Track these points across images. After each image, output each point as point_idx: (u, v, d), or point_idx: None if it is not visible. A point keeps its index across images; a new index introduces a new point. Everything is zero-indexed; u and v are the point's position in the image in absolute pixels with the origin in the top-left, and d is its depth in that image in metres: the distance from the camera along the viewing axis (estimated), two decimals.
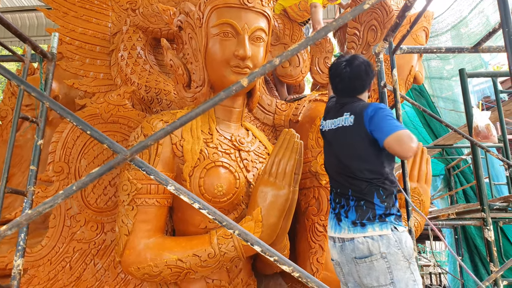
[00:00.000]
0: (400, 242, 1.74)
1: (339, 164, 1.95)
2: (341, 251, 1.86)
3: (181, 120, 0.80)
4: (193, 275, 2.07)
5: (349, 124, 1.90)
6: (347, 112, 1.94)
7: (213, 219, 0.79)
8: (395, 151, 1.72)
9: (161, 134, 0.80)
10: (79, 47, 3.16)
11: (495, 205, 2.62)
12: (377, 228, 1.76)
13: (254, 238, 0.79)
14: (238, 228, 0.78)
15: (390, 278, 1.71)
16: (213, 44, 2.25)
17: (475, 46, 2.08)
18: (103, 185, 2.55)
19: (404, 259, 1.73)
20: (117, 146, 0.81)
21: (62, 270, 2.43)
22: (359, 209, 1.81)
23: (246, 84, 0.91)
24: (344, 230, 1.83)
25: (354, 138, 1.88)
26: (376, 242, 1.73)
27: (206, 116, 2.38)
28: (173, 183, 0.80)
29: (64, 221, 2.49)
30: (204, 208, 0.80)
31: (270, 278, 2.86)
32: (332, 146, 2.03)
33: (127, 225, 2.08)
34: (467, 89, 2.36)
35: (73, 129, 2.61)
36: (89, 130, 0.82)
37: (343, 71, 1.96)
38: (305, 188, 2.64)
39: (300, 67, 3.30)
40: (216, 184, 2.15)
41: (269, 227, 2.06)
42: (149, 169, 0.80)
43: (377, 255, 1.72)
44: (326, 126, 2.07)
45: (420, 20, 3.33)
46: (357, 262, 1.78)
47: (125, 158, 0.79)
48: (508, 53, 1.32)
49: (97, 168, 0.80)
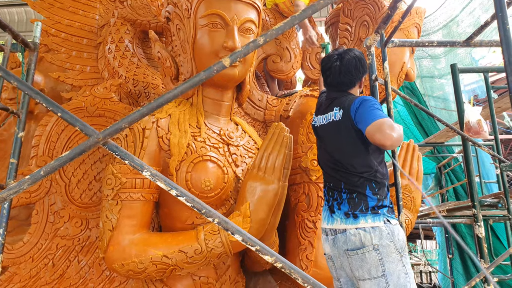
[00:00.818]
0: (392, 235, 1.72)
1: (331, 159, 1.93)
2: (334, 244, 1.84)
3: (158, 101, 0.75)
4: (179, 271, 2.01)
5: (338, 119, 1.88)
6: (337, 106, 1.91)
7: (192, 206, 0.75)
8: (374, 139, 1.68)
9: (136, 116, 0.75)
10: (65, 39, 3.09)
11: (486, 201, 2.60)
12: (370, 220, 1.74)
13: (235, 226, 0.74)
14: (217, 216, 0.73)
15: (382, 270, 1.69)
16: (201, 36, 2.20)
17: (467, 40, 2.05)
18: (88, 180, 2.48)
19: (396, 252, 1.71)
20: (89, 129, 0.76)
21: (44, 268, 2.36)
22: (351, 201, 1.79)
23: (228, 64, 0.86)
24: (337, 221, 1.82)
25: (342, 133, 1.86)
26: (368, 233, 1.72)
27: (194, 109, 2.32)
28: (148, 169, 0.75)
29: (47, 217, 2.42)
30: (182, 195, 0.75)
31: (259, 276, 2.81)
32: (323, 142, 2.01)
33: (111, 220, 2.02)
34: (458, 84, 2.34)
35: (57, 123, 2.54)
36: (60, 112, 0.76)
37: (333, 65, 1.93)
38: (295, 184, 2.60)
39: (291, 62, 3.26)
40: (204, 179, 2.10)
41: (258, 222, 2.01)
42: (123, 153, 0.75)
43: (369, 247, 1.71)
44: (317, 122, 2.04)
45: (412, 16, 3.33)
46: (349, 254, 1.76)
47: (97, 141, 0.74)
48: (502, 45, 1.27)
49: (67, 152, 0.75)
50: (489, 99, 2.51)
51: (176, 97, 0.77)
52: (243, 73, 2.28)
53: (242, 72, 2.24)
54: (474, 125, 2.38)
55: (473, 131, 2.38)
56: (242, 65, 2.22)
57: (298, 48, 3.38)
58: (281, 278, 2.79)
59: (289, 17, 0.82)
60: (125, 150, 0.75)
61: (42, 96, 0.78)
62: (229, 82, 2.25)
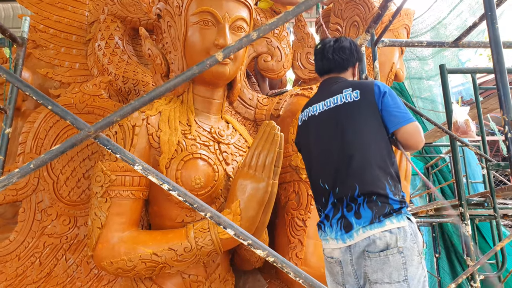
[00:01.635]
0: (415, 236, 1.62)
1: (338, 154, 1.73)
2: (346, 250, 1.67)
3: (150, 95, 0.75)
4: (169, 269, 2.00)
5: (353, 99, 1.72)
6: (347, 88, 1.77)
7: (184, 200, 0.74)
8: (407, 142, 1.65)
9: (127, 109, 0.75)
10: (54, 36, 3.05)
11: (473, 200, 2.64)
12: (395, 221, 1.60)
13: (227, 221, 0.74)
14: (209, 210, 0.73)
15: (404, 275, 1.56)
16: (192, 33, 2.19)
17: (456, 40, 2.08)
18: (76, 177, 2.45)
19: (418, 254, 1.60)
20: (80, 122, 0.75)
21: (31, 266, 2.33)
22: (373, 206, 1.61)
23: (221, 59, 0.86)
24: (358, 233, 1.62)
25: (362, 114, 1.70)
26: (394, 235, 1.58)
27: (185, 107, 2.31)
28: (140, 163, 0.75)
29: (35, 214, 2.39)
30: (174, 189, 0.75)
31: (249, 274, 2.81)
32: (324, 133, 1.81)
33: (100, 218, 2.00)
34: (447, 84, 2.37)
35: (45, 120, 2.51)
36: (50, 105, 0.76)
37: (327, 46, 1.91)
38: (285, 182, 2.60)
39: (282, 61, 3.27)
40: (194, 177, 2.09)
41: (248, 220, 2.01)
42: (114, 147, 0.74)
43: (393, 249, 1.57)
44: (312, 111, 1.89)
45: (401, 17, 3.36)
46: (369, 255, 1.60)
47: (89, 135, 0.73)
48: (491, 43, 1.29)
49: (58, 146, 0.74)
50: (477, 100, 2.55)
51: (168, 91, 0.76)
52: (234, 71, 2.28)
53: (233, 70, 2.24)
54: (462, 125, 2.42)
55: (461, 131, 2.42)
56: (233, 63, 2.22)
57: (289, 47, 3.38)
58: (271, 277, 2.79)
59: (282, 13, 0.83)
60: (117, 144, 0.75)
61: (32, 88, 0.77)
62: (220, 80, 2.25)
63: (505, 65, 0.97)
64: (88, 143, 2.52)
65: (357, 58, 1.95)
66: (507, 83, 0.97)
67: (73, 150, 2.48)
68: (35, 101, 3.23)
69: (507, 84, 0.97)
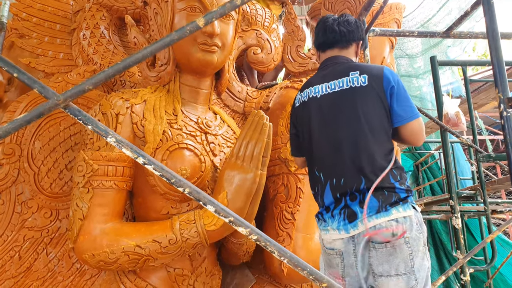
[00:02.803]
0: (421, 225, 1.56)
1: (342, 143, 1.65)
2: (349, 240, 1.59)
3: (125, 61, 0.69)
4: (153, 262, 1.94)
5: (361, 85, 1.63)
6: (355, 71, 1.68)
7: (160, 175, 0.69)
8: (410, 138, 1.62)
9: (101, 77, 0.69)
10: (37, 24, 2.96)
11: (463, 193, 2.62)
12: (401, 209, 1.53)
13: (207, 197, 0.69)
14: (188, 186, 0.68)
15: (411, 266, 1.51)
16: (179, 20, 2.13)
17: (447, 31, 2.05)
18: (58, 168, 2.37)
19: (423, 245, 1.55)
20: (48, 91, 0.69)
21: (10, 260, 2.24)
22: (379, 195, 1.55)
23: (202, 25, 0.81)
24: (362, 223, 1.55)
25: (368, 101, 1.62)
26: (401, 224, 1.51)
27: (171, 96, 2.25)
28: (113, 135, 0.69)
29: (14, 207, 2.30)
30: (150, 163, 0.69)
31: (236, 270, 2.76)
32: (327, 118, 1.71)
33: (81, 209, 1.93)
34: (437, 76, 2.35)
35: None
36: (16, 73, 0.70)
37: (330, 19, 1.82)
38: (274, 175, 2.55)
39: (272, 54, 3.22)
40: (180, 167, 2.03)
41: (235, 211, 1.92)
42: (85, 118, 0.69)
43: (400, 240, 1.51)
44: (313, 92, 1.77)
45: (392, 11, 3.34)
46: (374, 246, 1.53)
47: (58, 104, 0.67)
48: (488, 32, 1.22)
49: (24, 114, 0.68)
50: (467, 92, 2.53)
51: (145, 58, 0.71)
52: (222, 60, 2.22)
53: (221, 58, 2.19)
54: (452, 117, 2.40)
55: (452, 123, 2.40)
56: (220, 51, 2.16)
57: (279, 40, 3.34)
58: (259, 272, 2.74)
59: None
60: (88, 115, 0.69)
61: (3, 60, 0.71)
62: (207, 68, 2.19)
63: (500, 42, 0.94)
64: (71, 134, 2.45)
65: (360, 35, 1.84)
66: (502, 60, 0.94)
67: (55, 141, 2.40)
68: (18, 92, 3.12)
69: (503, 61, 0.94)
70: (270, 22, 3.34)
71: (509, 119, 0.82)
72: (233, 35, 2.26)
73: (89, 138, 2.02)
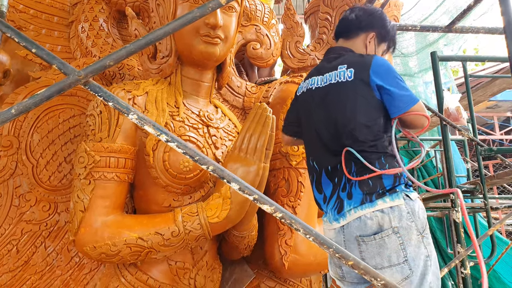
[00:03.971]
0: (413, 214, 1.51)
1: (333, 133, 1.65)
2: (340, 231, 1.59)
3: (147, 38, 0.68)
4: (155, 255, 1.92)
5: (347, 79, 1.61)
6: (342, 64, 1.65)
7: (183, 153, 0.68)
8: (414, 123, 1.59)
9: (122, 53, 0.68)
10: (34, 17, 2.92)
11: (464, 187, 2.65)
12: (388, 200, 1.50)
13: (231, 174, 0.68)
14: (212, 164, 0.67)
15: (404, 255, 1.47)
16: (182, 11, 2.12)
17: (449, 25, 2.07)
18: (57, 161, 2.34)
19: (417, 233, 1.50)
20: (68, 67, 0.68)
21: (7, 254, 2.21)
22: (364, 186, 1.54)
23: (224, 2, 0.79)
24: (350, 213, 1.55)
25: (353, 96, 1.60)
26: (387, 215, 1.49)
27: (173, 88, 2.24)
28: (135, 112, 0.68)
29: (12, 200, 2.27)
30: (173, 141, 0.68)
31: (235, 265, 2.75)
32: (319, 110, 1.71)
33: (83, 201, 1.91)
34: (438, 72, 2.36)
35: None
36: (34, 48, 0.68)
37: (348, 10, 1.81)
38: (275, 169, 2.55)
39: (271, 49, 3.22)
40: (182, 159, 2.01)
41: (238, 203, 1.94)
42: (106, 94, 0.68)
43: (388, 230, 1.48)
44: (311, 84, 1.77)
45: (390, 8, 3.35)
46: (363, 240, 1.51)
47: (78, 79, 0.66)
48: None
49: (44, 90, 0.66)
50: (467, 87, 2.55)
51: (168, 34, 0.69)
52: (225, 52, 2.21)
53: (223, 51, 2.18)
54: (453, 111, 2.41)
55: (452, 118, 2.41)
56: (223, 43, 2.15)
57: (278, 36, 3.34)
58: (258, 267, 2.73)
59: None
60: (109, 92, 0.68)
61: (13, 30, 0.69)
62: (210, 61, 2.17)
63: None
64: (71, 126, 2.42)
65: (378, 27, 1.74)
66: None
67: (54, 133, 2.37)
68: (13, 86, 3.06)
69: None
70: (269, 17, 3.34)
71: None
72: (235, 27, 2.25)
73: (91, 130, 2.00)
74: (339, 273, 1.70)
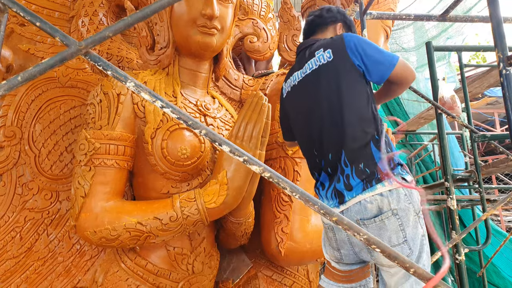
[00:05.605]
0: (410, 196, 1.56)
1: (319, 123, 1.70)
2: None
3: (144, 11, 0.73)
4: (154, 239, 1.97)
5: (327, 60, 1.67)
6: (318, 50, 1.72)
7: (178, 118, 0.72)
8: (402, 81, 1.64)
9: (120, 25, 0.73)
10: (36, 12, 2.97)
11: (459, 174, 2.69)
12: (387, 183, 1.54)
13: (222, 138, 0.73)
14: (204, 128, 0.72)
15: (403, 236, 1.53)
16: (179, 3, 2.17)
17: (443, 14, 2.11)
18: (59, 151, 2.40)
19: (414, 214, 1.56)
20: (70, 39, 0.73)
21: (11, 241, 2.27)
22: (361, 174, 1.58)
23: None
24: (350, 200, 1.59)
25: (338, 75, 1.65)
26: (386, 198, 1.53)
27: (170, 79, 2.29)
28: (132, 80, 0.73)
29: (15, 189, 2.32)
30: (167, 107, 0.72)
31: (233, 254, 2.81)
32: (306, 102, 1.77)
33: (83, 187, 1.96)
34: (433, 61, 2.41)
35: (27, 93, 2.45)
36: (38, 22, 0.73)
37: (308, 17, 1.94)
38: (271, 159, 2.60)
39: (268, 43, 3.27)
40: (180, 147, 2.07)
41: (235, 189, 2.00)
42: (105, 64, 0.72)
43: (387, 213, 1.53)
44: (293, 81, 1.86)
45: (387, 1, 3.40)
46: (364, 223, 1.56)
47: (79, 49, 0.71)
48: None
49: (47, 59, 0.71)
50: (462, 77, 2.59)
51: (164, 7, 0.74)
52: (221, 43, 2.26)
53: (220, 41, 2.23)
54: (448, 100, 2.46)
55: (447, 106, 2.45)
56: (220, 34, 2.20)
57: (275, 29, 3.39)
58: (255, 256, 2.79)
59: None
60: (107, 61, 0.73)
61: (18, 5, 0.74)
62: (206, 51, 2.23)
63: None
64: (71, 117, 2.47)
65: (341, 19, 1.90)
66: (501, 20, 0.98)
67: (56, 123, 2.43)
68: None
69: (501, 21, 0.98)
70: (266, 11, 3.39)
71: (508, 77, 0.88)
72: (232, 19, 2.30)
73: (91, 118, 2.05)
74: (337, 255, 1.75)
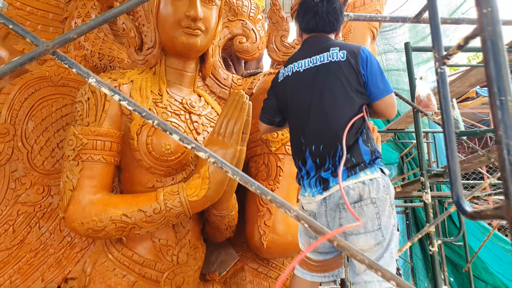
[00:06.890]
0: (388, 187, 1.70)
1: (317, 113, 1.81)
2: (322, 202, 1.76)
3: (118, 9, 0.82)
4: (138, 230, 2.07)
5: (340, 59, 1.79)
6: (335, 47, 1.83)
7: (142, 116, 0.82)
8: (384, 112, 1.78)
9: (84, 28, 0.82)
10: (30, 13, 3.08)
11: (433, 170, 2.77)
12: (368, 172, 1.68)
13: (172, 128, 0.82)
14: (157, 118, 0.81)
15: (378, 224, 1.65)
16: (165, 5, 2.26)
17: (417, 16, 2.18)
18: (50, 147, 2.50)
19: (389, 204, 1.70)
20: (39, 40, 0.82)
21: (4, 233, 2.37)
22: (348, 163, 1.70)
23: None
24: (334, 186, 1.72)
25: (345, 74, 1.77)
26: (367, 186, 1.66)
27: (157, 78, 2.38)
28: (94, 76, 0.82)
29: (9, 183, 2.42)
30: (132, 106, 0.82)
31: (221, 249, 2.90)
32: (307, 90, 1.87)
33: (71, 181, 2.06)
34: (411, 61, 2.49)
35: (20, 91, 2.55)
36: (11, 25, 0.82)
37: (318, 5, 1.95)
38: (256, 155, 2.69)
39: (257, 43, 3.36)
40: (164, 143, 2.16)
41: (216, 183, 2.09)
42: (71, 62, 0.82)
43: (367, 200, 1.65)
44: (297, 67, 1.93)
45: (373, 2, 3.49)
46: (344, 208, 1.68)
47: (47, 49, 0.80)
48: None
49: (17, 57, 0.81)
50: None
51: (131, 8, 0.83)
52: (206, 44, 2.35)
53: (204, 42, 2.32)
54: (423, 98, 2.55)
55: (423, 104, 2.55)
56: (204, 35, 2.30)
57: (264, 30, 3.48)
58: (242, 250, 2.88)
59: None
60: (73, 60, 0.82)
61: None
62: (191, 51, 2.32)
63: None
64: (63, 115, 2.57)
65: (342, 21, 2.02)
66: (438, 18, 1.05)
67: (48, 121, 2.53)
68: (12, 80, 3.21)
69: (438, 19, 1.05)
70: (255, 13, 3.49)
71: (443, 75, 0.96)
72: (216, 20, 2.39)
73: (79, 115, 2.15)
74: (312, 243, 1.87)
